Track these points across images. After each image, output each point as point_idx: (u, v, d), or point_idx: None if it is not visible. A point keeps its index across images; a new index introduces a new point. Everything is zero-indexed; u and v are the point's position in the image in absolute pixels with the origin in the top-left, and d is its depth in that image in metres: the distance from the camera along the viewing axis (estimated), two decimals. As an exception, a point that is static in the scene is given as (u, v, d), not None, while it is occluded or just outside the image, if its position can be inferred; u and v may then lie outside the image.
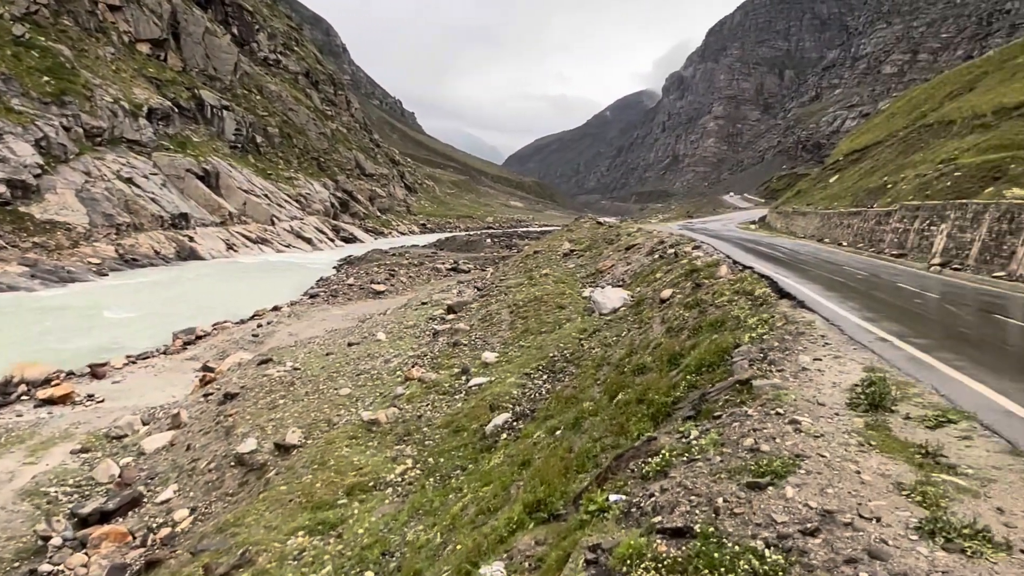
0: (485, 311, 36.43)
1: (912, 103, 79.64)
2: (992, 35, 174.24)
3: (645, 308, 24.62)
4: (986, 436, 6.08)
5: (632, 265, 37.42)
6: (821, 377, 8.13)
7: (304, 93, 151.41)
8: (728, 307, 17.00)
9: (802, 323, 12.03)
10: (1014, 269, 24.33)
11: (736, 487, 4.90)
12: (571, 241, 52.24)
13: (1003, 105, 49.91)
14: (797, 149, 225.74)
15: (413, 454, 20.24)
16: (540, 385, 22.72)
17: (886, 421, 6.42)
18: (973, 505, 4.55)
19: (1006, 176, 33.58)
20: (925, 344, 10.27)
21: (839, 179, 73.32)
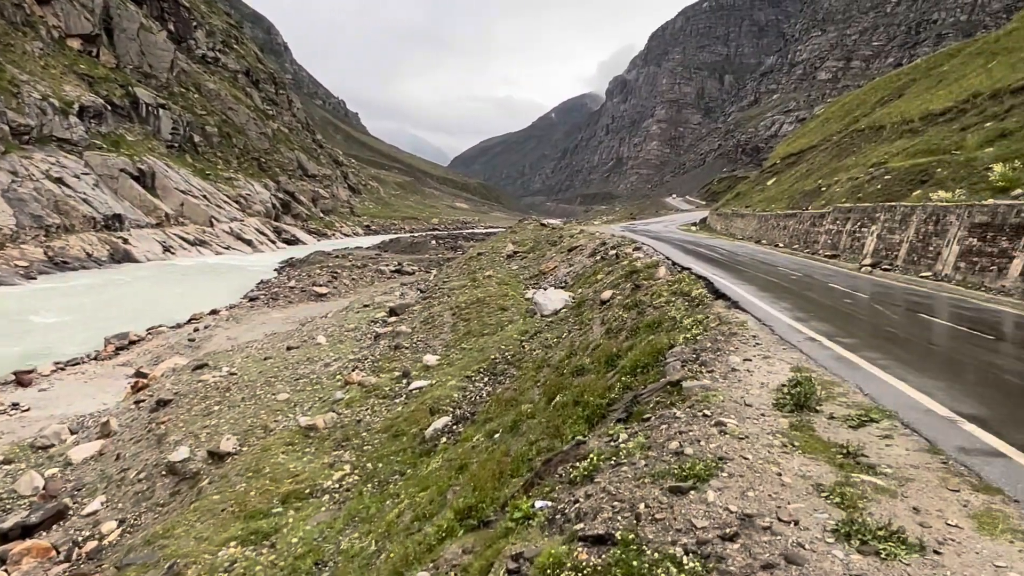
0: (427, 313, 36.11)
1: (845, 108, 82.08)
2: (920, 44, 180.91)
3: (586, 309, 24.69)
4: (906, 435, 6.15)
5: (574, 267, 37.55)
6: (750, 377, 8.16)
7: (244, 92, 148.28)
8: (665, 308, 17.12)
9: (735, 323, 12.14)
10: (939, 269, 25.15)
11: (659, 492, 4.83)
12: (515, 243, 52.23)
13: (930, 111, 51.72)
14: (737, 152, 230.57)
15: (351, 460, 19.89)
16: (481, 388, 22.57)
17: (810, 421, 6.45)
18: (890, 505, 4.56)
19: (932, 179, 34.71)
20: (852, 343, 10.45)
21: (776, 182, 75.05)
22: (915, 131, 51.07)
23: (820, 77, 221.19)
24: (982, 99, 44.63)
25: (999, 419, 6.78)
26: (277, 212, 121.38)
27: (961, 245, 24.37)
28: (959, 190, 29.17)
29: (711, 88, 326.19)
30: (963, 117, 44.86)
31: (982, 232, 23.45)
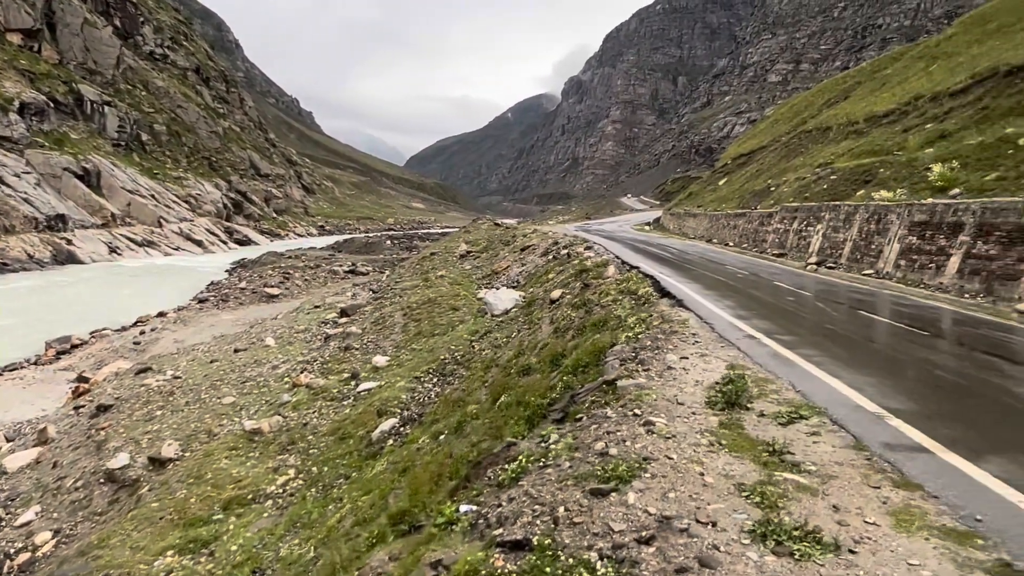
0: (379, 314, 35.70)
1: (794, 110, 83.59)
2: (866, 48, 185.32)
3: (536, 309, 24.62)
4: (834, 431, 6.14)
5: (527, 266, 37.50)
6: (685, 376, 8.12)
7: (194, 90, 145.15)
8: (612, 307, 17.11)
9: (677, 322, 12.14)
10: (881, 267, 25.67)
11: (581, 494, 4.70)
12: (468, 243, 52.00)
13: (874, 113, 52.87)
14: (691, 153, 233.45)
15: (296, 464, 19.53)
16: (430, 388, 22.35)
17: (740, 419, 6.41)
18: (810, 504, 4.50)
19: (876, 179, 35.46)
20: (790, 341, 10.51)
21: (727, 182, 76.08)
22: (860, 132, 52.16)
23: (771, 79, 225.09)
24: (923, 101, 45.73)
25: (926, 414, 6.83)
26: (228, 212, 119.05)
27: (902, 243, 24.90)
28: (900, 190, 29.82)
29: (665, 89, 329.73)
30: (905, 119, 45.94)
31: (921, 231, 23.99)
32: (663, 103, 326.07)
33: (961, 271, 21.23)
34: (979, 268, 20.48)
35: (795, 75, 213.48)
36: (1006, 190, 23.43)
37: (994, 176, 25.27)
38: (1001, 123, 30.94)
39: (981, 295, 19.89)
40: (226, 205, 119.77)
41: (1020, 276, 18.70)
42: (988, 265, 20.13)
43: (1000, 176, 25.00)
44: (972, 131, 32.97)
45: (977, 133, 31.75)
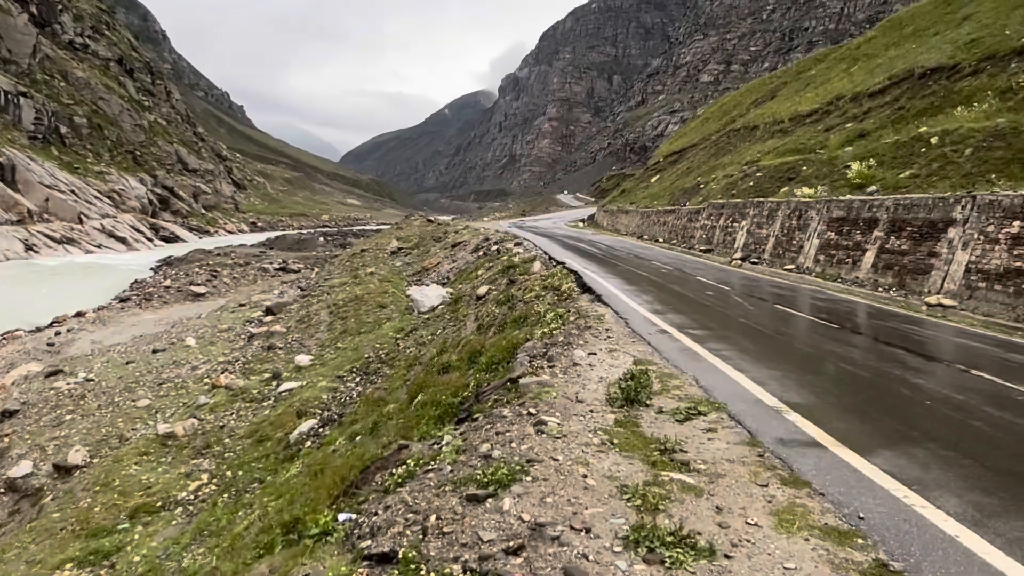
0: (305, 312, 34.85)
1: (723, 109, 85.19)
2: (793, 50, 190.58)
3: (462, 305, 24.30)
4: (730, 427, 6.00)
5: (457, 263, 37.15)
6: (590, 372, 7.92)
7: (117, 81, 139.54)
8: (534, 303, 16.92)
9: (593, 317, 11.99)
10: (802, 262, 26.20)
11: (456, 501, 4.41)
12: (400, 239, 51.32)
13: (798, 112, 54.18)
14: (625, 151, 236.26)
15: (211, 468, 18.77)
16: (352, 388, 21.83)
17: (638, 416, 6.22)
18: (693, 505, 4.31)
19: (799, 177, 36.28)
20: (701, 335, 10.45)
21: (659, 179, 77.07)
22: (785, 131, 53.39)
23: (703, 79, 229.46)
24: (844, 101, 47.03)
25: (824, 408, 6.78)
26: (154, 208, 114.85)
27: (821, 239, 25.44)
28: (821, 187, 30.52)
29: (600, 88, 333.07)
30: (827, 118, 47.18)
31: (839, 226, 24.54)
32: (599, 101, 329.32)
33: (876, 265, 21.78)
34: (892, 263, 21.03)
35: (726, 75, 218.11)
36: (919, 187, 24.13)
37: (908, 173, 26.00)
38: (915, 123, 31.94)
39: (894, 289, 20.42)
40: (152, 201, 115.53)
41: (930, 270, 19.24)
42: (900, 260, 20.68)
43: (914, 173, 25.74)
44: (889, 130, 33.96)
45: (893, 132, 32.70)
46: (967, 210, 18.49)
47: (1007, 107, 26.33)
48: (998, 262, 16.85)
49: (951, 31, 43.39)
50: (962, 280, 17.85)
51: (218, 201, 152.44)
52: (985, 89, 29.67)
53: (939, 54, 39.16)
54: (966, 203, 18.64)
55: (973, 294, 17.34)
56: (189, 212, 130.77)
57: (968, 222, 18.30)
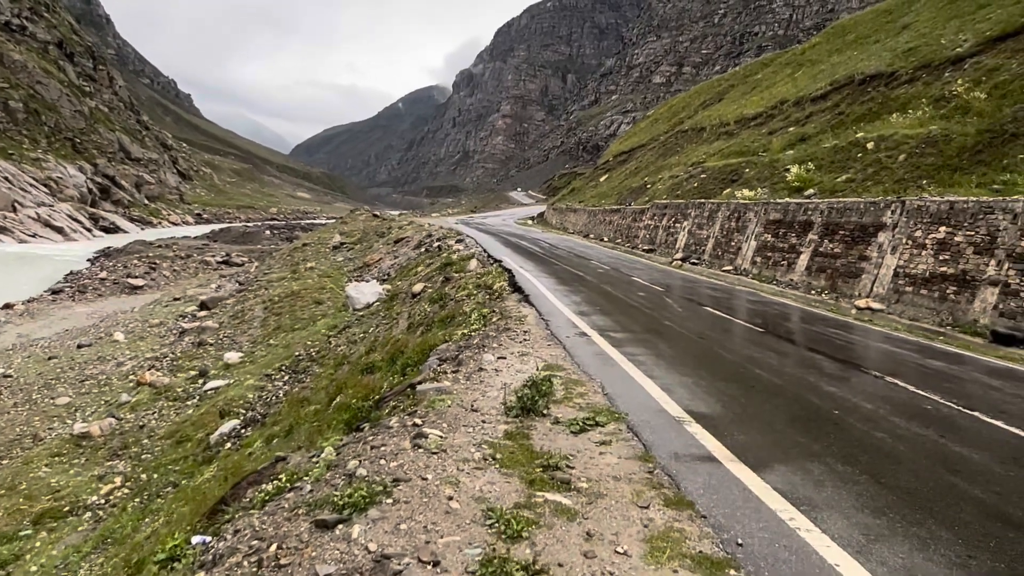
0: (240, 307, 33.89)
1: (673, 110, 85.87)
2: (744, 54, 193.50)
3: (397, 303, 23.78)
4: (626, 440, 5.69)
5: (399, 259, 36.56)
6: (495, 378, 7.55)
7: (56, 65, 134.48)
8: (466, 301, 16.53)
9: (515, 318, 11.64)
10: (740, 264, 26.31)
11: (305, 527, 3.97)
12: (343, 234, 50.38)
13: (744, 115, 54.76)
14: (578, 150, 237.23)
15: (126, 470, 17.99)
16: (280, 387, 21.18)
17: (531, 428, 5.86)
18: (561, 532, 3.95)
19: (741, 179, 36.54)
20: (621, 338, 10.18)
21: (608, 178, 77.32)
22: (731, 133, 53.89)
23: (655, 80, 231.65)
24: (788, 106, 47.61)
25: (729, 418, 6.52)
26: (94, 198, 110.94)
27: (758, 241, 25.56)
28: (762, 189, 30.73)
29: (554, 86, 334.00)
30: (771, 121, 47.70)
31: (776, 229, 24.68)
32: (553, 99, 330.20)
33: (809, 268, 21.92)
34: (825, 266, 21.17)
35: (678, 77, 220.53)
36: (854, 191, 24.39)
37: (844, 178, 26.29)
38: (854, 128, 32.38)
39: (826, 292, 20.56)
40: (91, 190, 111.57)
41: (860, 274, 19.40)
42: (833, 263, 20.83)
43: (850, 178, 26.02)
44: (829, 135, 34.38)
45: (832, 137, 33.10)
46: (897, 215, 18.67)
47: (940, 115, 26.78)
48: (924, 267, 17.02)
49: (891, 39, 44.26)
50: (890, 284, 18.01)
51: (162, 192, 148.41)
52: (920, 97, 30.18)
53: (879, 61, 39.85)
54: (896, 208, 18.83)
55: (900, 298, 17.50)
56: (131, 202, 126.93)
57: (897, 227, 18.48)
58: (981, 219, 15.70)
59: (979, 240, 15.56)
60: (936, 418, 7.14)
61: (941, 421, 7.04)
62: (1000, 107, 23.24)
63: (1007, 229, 14.86)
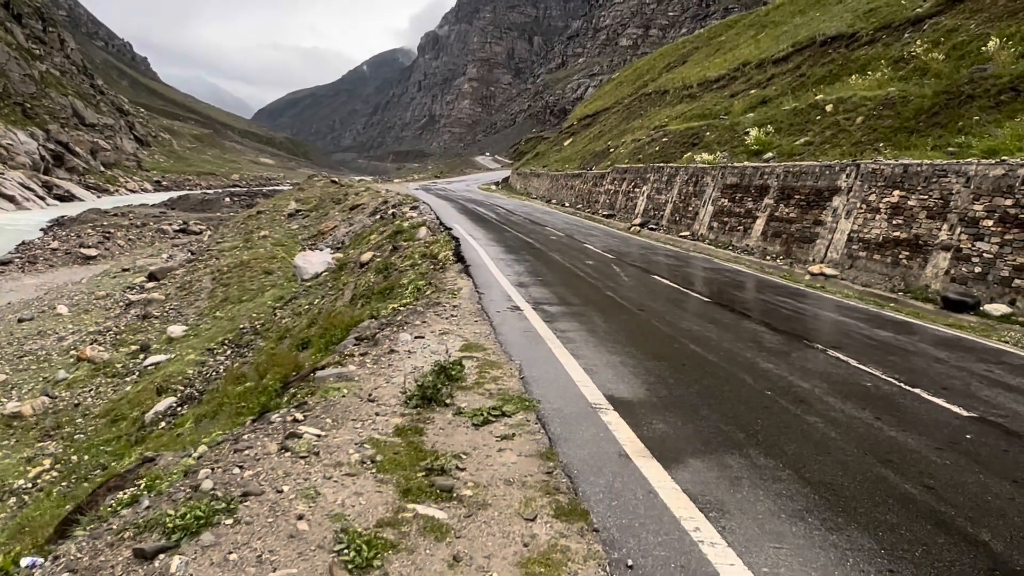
0: (189, 278, 32.83)
1: (637, 73, 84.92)
2: (710, 16, 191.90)
3: (345, 273, 23.03)
4: (531, 433, 5.13)
5: (354, 226, 35.65)
6: (405, 361, 6.94)
7: (3, 27, 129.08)
8: (409, 272, 15.88)
9: (449, 291, 11.03)
10: (697, 229, 25.88)
11: (124, 557, 3.35)
12: (299, 200, 49.10)
13: (707, 78, 54.16)
14: (545, 114, 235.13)
15: (57, 452, 17.24)
16: (221, 362, 20.44)
17: (429, 421, 5.28)
18: (424, 556, 3.38)
19: (702, 142, 36.04)
20: (555, 313, 9.62)
21: (572, 143, 76.46)
22: (693, 96, 53.33)
23: (622, 43, 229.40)
24: (750, 68, 47.06)
25: (650, 403, 6.00)
26: (47, 165, 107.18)
27: (715, 206, 25.12)
28: (722, 152, 30.27)
29: (521, 49, 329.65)
30: (733, 84, 47.19)
31: (732, 193, 24.24)
32: (519, 62, 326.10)
33: (765, 233, 21.54)
34: (780, 231, 20.80)
35: (645, 40, 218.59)
36: (812, 154, 24.00)
37: (803, 140, 25.89)
38: (814, 90, 31.95)
39: (781, 257, 20.21)
40: (44, 157, 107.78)
41: (815, 239, 19.05)
42: (788, 228, 20.47)
43: (808, 141, 25.63)
44: (789, 97, 33.94)
45: (793, 99, 32.67)
46: (851, 178, 18.28)
47: (898, 76, 26.41)
48: (878, 231, 16.69)
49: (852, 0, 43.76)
50: (844, 249, 17.68)
51: (119, 158, 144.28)
52: (880, 58, 29.79)
53: (840, 22, 39.39)
54: (850, 172, 18.44)
55: (854, 263, 17.19)
56: (87, 169, 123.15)
57: (852, 191, 18.10)
58: (935, 182, 15.35)
59: (932, 204, 15.22)
60: (875, 397, 6.70)
61: (880, 400, 6.60)
62: (957, 68, 22.91)
63: (960, 192, 14.51)
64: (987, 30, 24.58)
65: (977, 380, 7.78)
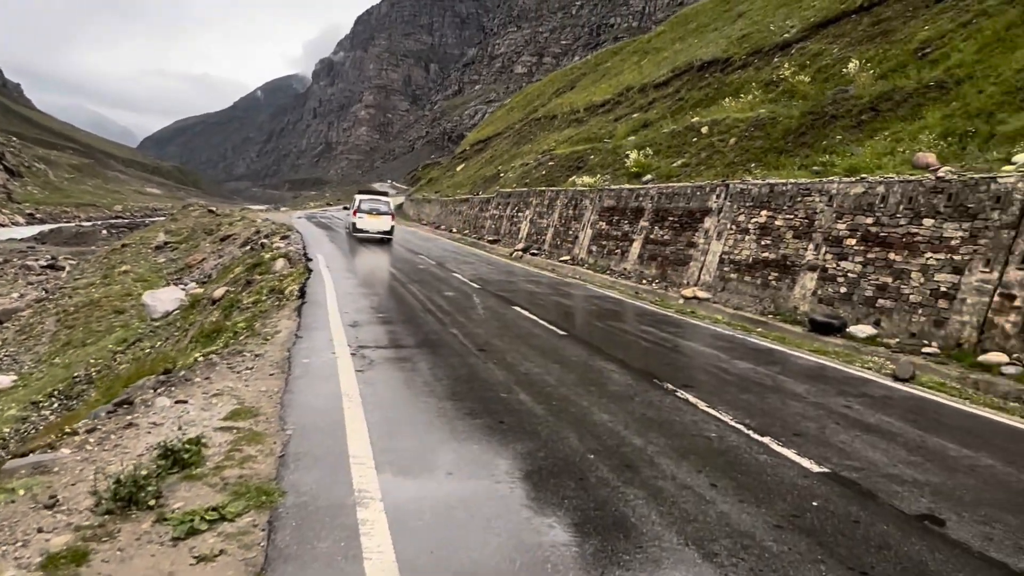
0: (32, 320, 29.77)
1: (528, 98, 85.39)
2: (601, 44, 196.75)
3: (197, 310, 21.00)
4: (246, 548, 3.75)
5: (224, 258, 33.35)
6: (142, 439, 5.46)
7: None
8: (251, 308, 14.23)
9: (264, 335, 9.55)
10: (577, 253, 25.16)
11: None
12: (168, 232, 46.04)
13: (593, 103, 54.62)
14: (444, 140, 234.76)
15: None
16: (46, 417, 18.03)
17: (111, 536, 3.85)
18: None
19: (586, 166, 35.75)
20: (375, 359, 8.26)
21: (465, 168, 75.79)
22: (580, 120, 53.60)
23: (517, 71, 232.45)
24: (633, 92, 47.61)
25: (437, 489, 4.74)
26: None
27: (594, 229, 24.48)
28: (604, 175, 29.89)
29: (417, 76, 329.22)
30: (618, 108, 47.58)
31: (610, 216, 23.65)
32: (416, 89, 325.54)
33: (642, 256, 20.95)
34: (656, 253, 20.24)
35: (539, 67, 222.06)
36: (688, 176, 23.75)
37: (680, 162, 25.71)
38: (691, 112, 32.20)
39: (657, 281, 19.61)
40: None
41: (688, 261, 18.52)
42: (663, 250, 19.91)
43: (685, 162, 25.46)
44: (668, 120, 34.13)
45: (672, 122, 32.82)
46: (721, 199, 17.86)
47: (769, 98, 26.73)
48: (748, 252, 16.23)
49: (727, 27, 44.92)
50: (716, 271, 17.17)
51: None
52: (752, 81, 30.25)
53: (715, 48, 40.23)
54: (720, 192, 18.02)
55: (726, 285, 16.67)
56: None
57: (722, 211, 17.66)
58: (800, 201, 14.98)
59: (798, 223, 14.83)
60: (716, 453, 5.70)
61: (721, 458, 5.60)
62: (823, 90, 23.24)
63: (824, 211, 14.14)
64: (849, 53, 25.16)
65: (834, 421, 6.96)
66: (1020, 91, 14.30)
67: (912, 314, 11.49)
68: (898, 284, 11.87)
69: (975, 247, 10.65)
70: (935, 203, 11.54)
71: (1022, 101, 13.97)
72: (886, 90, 19.06)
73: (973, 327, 10.38)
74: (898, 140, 16.09)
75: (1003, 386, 9.10)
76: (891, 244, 12.23)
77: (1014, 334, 9.78)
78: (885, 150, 15.84)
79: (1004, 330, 9.94)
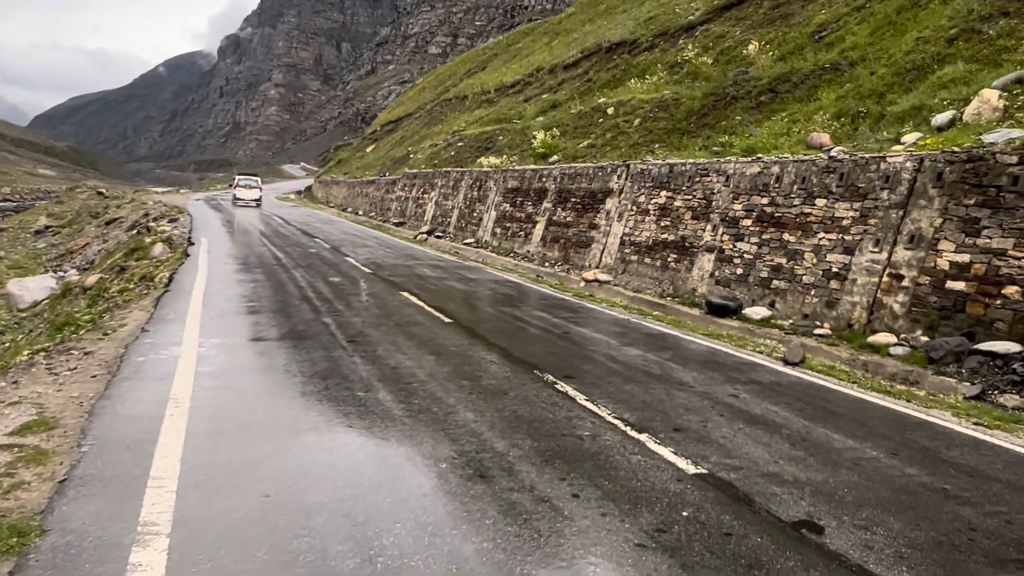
0: None
1: (439, 79, 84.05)
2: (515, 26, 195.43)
3: (67, 300, 19.35)
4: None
5: (108, 243, 31.25)
6: None
7: None
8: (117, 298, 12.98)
9: (104, 328, 8.52)
10: (481, 235, 24.51)
11: None
12: (51, 215, 43.00)
13: (503, 83, 53.98)
14: (357, 121, 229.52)
15: None
16: None
17: None
18: None
19: (495, 146, 35.11)
20: (221, 358, 7.40)
21: (375, 149, 74.04)
22: (491, 101, 52.86)
23: (431, 51, 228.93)
24: (543, 73, 47.19)
25: (235, 512, 4.00)
26: None
27: (498, 211, 23.87)
28: (512, 156, 29.34)
29: (329, 55, 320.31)
30: (528, 89, 47.08)
31: (514, 197, 23.08)
32: (328, 69, 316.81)
33: (545, 239, 20.46)
34: (559, 235, 19.77)
35: (453, 48, 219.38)
36: (594, 156, 23.42)
37: (586, 143, 25.37)
38: (599, 93, 31.93)
39: (559, 263, 19.16)
40: None
41: (591, 243, 18.12)
42: (566, 232, 19.46)
43: (591, 143, 25.13)
44: (576, 101, 33.81)
45: (580, 103, 32.50)
46: (623, 180, 17.49)
47: (673, 80, 26.62)
48: (648, 234, 15.91)
49: (635, 8, 44.94)
50: (618, 253, 16.81)
51: None
52: (658, 63, 30.15)
53: (623, 30, 40.12)
54: (621, 173, 17.65)
55: (627, 268, 16.33)
56: None
57: (624, 192, 17.29)
58: (698, 182, 14.71)
59: (696, 204, 14.56)
60: (586, 456, 5.14)
61: (590, 461, 5.04)
62: (725, 72, 23.21)
63: (721, 192, 13.89)
64: (750, 36, 25.25)
65: (719, 413, 6.52)
66: (909, 73, 14.38)
67: (805, 295, 11.32)
68: (792, 265, 11.69)
69: (865, 227, 10.51)
70: (827, 183, 11.37)
71: (911, 82, 14.04)
72: (784, 72, 19.09)
73: (863, 307, 10.24)
74: (794, 121, 16.06)
75: (891, 367, 8.95)
76: (785, 224, 12.05)
77: (902, 314, 9.67)
78: (782, 130, 15.79)
79: (892, 310, 9.81)
